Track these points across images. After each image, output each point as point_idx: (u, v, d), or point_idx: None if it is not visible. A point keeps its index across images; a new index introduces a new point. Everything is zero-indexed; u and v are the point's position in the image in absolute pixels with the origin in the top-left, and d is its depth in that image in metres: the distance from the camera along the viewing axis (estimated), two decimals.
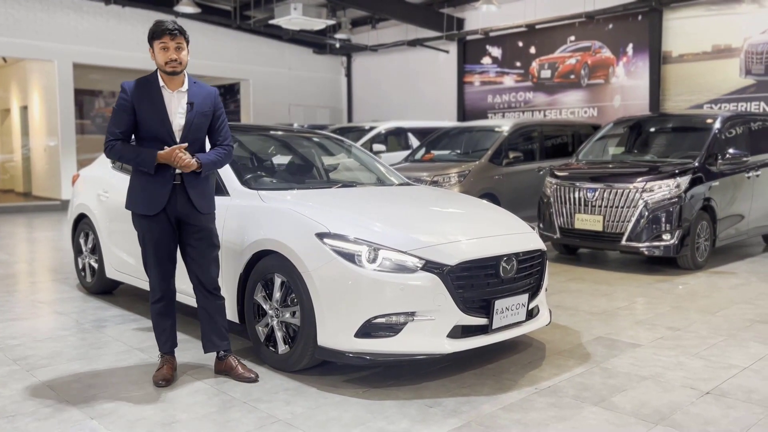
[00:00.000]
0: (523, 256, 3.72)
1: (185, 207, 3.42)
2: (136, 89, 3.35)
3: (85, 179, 5.72)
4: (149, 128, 3.35)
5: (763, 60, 11.19)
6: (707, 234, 6.72)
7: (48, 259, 7.66)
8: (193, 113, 3.40)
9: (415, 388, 3.39)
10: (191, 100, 3.40)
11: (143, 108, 3.33)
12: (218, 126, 3.53)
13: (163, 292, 3.52)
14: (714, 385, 3.45)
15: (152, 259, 3.47)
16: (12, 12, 12.93)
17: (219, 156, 3.50)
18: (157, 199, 3.37)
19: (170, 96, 3.38)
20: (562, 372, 3.66)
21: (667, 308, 5.12)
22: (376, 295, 3.27)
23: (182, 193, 3.40)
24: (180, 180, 3.39)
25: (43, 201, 14.43)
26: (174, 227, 3.46)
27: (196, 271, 3.53)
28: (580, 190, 6.84)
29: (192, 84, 3.46)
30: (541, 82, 14.34)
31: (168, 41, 3.32)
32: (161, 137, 3.35)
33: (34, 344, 4.19)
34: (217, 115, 3.52)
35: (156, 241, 3.44)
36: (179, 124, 3.38)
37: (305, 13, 12.38)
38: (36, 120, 15.17)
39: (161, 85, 3.37)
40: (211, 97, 3.49)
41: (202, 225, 3.49)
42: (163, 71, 3.36)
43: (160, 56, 3.33)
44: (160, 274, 3.49)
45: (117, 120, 3.36)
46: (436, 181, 8.14)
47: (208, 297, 3.56)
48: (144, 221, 3.43)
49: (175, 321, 3.61)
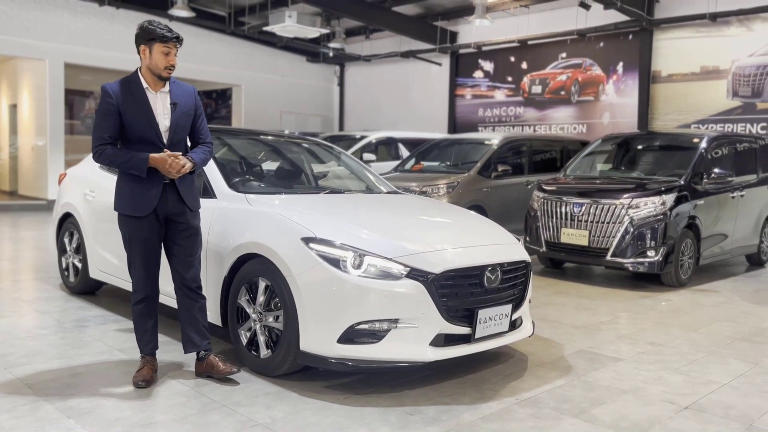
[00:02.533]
0: (508, 266, 3.74)
1: (176, 205, 3.42)
2: (121, 91, 3.32)
3: (71, 178, 5.68)
4: (136, 130, 3.33)
5: (750, 82, 11.36)
6: (691, 252, 6.78)
7: (31, 258, 7.59)
8: (177, 113, 3.40)
9: (395, 396, 3.39)
10: (174, 101, 3.41)
11: (129, 110, 3.31)
12: (199, 124, 3.55)
13: (147, 293, 3.49)
14: (693, 401, 3.47)
15: (139, 260, 3.44)
16: (5, 9, 12.88)
17: (206, 154, 3.54)
18: (148, 201, 3.35)
19: (154, 97, 3.37)
20: (543, 383, 3.67)
21: (650, 324, 5.15)
22: (360, 301, 3.27)
23: (173, 191, 3.40)
24: (170, 180, 3.38)
25: (29, 200, 14.31)
26: (162, 227, 3.45)
27: (180, 269, 3.51)
28: (567, 204, 6.89)
29: (172, 84, 3.46)
30: (531, 98, 14.46)
31: (172, 47, 3.34)
32: (149, 139, 3.34)
33: (13, 342, 4.14)
34: (198, 113, 3.53)
35: (144, 242, 3.41)
36: (165, 125, 3.38)
37: (300, 21, 12.42)
38: (25, 119, 15.07)
39: (145, 87, 3.36)
40: (191, 96, 3.51)
41: (190, 222, 3.49)
42: (157, 75, 3.35)
43: (160, 60, 3.33)
44: (146, 275, 3.46)
45: (103, 124, 3.31)
46: (425, 191, 8.16)
47: (191, 296, 3.55)
48: (133, 222, 3.40)
49: (157, 322, 3.59)
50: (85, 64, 14.18)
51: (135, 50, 3.47)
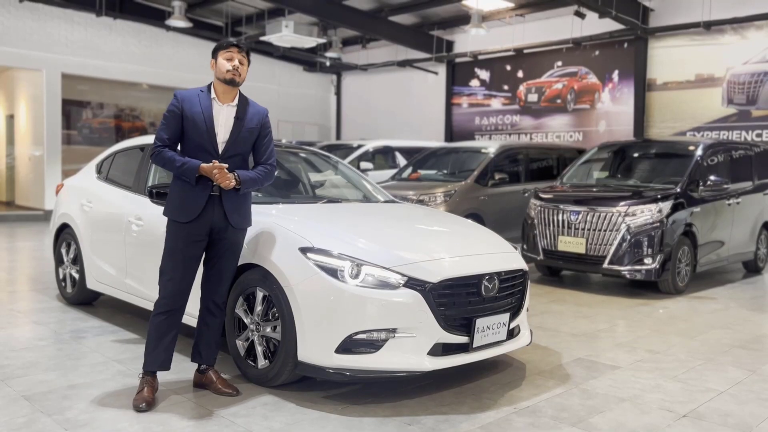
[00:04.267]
0: (505, 275, 3.74)
1: (220, 220, 3.40)
2: (187, 98, 3.40)
3: (69, 189, 5.68)
4: (193, 137, 3.36)
5: (744, 90, 11.42)
6: (688, 259, 6.79)
7: (28, 269, 7.57)
8: (238, 128, 3.42)
9: (394, 406, 3.39)
10: (239, 115, 3.43)
11: (191, 116, 3.36)
12: (263, 144, 3.55)
13: (173, 306, 3.39)
14: (691, 408, 3.47)
15: (173, 269, 3.37)
16: (2, 20, 12.90)
17: (260, 174, 3.50)
18: (192, 208, 3.34)
19: (219, 108, 3.41)
20: (542, 392, 3.67)
21: (647, 331, 5.16)
22: (357, 311, 3.27)
23: (218, 205, 3.39)
24: (218, 192, 3.38)
25: (26, 210, 14.28)
26: (205, 239, 3.42)
27: (213, 284, 3.50)
28: (564, 212, 6.91)
29: (243, 101, 3.49)
30: (527, 106, 14.52)
31: (235, 53, 3.40)
32: (204, 147, 3.36)
33: (10, 354, 4.13)
34: (263, 133, 3.54)
35: (182, 250, 3.37)
36: (224, 135, 3.40)
37: (296, 31, 12.47)
38: (22, 129, 15.06)
39: (213, 97, 3.41)
40: (260, 116, 3.53)
41: (232, 239, 3.47)
42: (222, 79, 3.39)
43: (223, 64, 3.38)
44: (179, 287, 3.38)
45: (166, 126, 3.38)
46: (422, 200, 8.18)
47: (214, 311, 3.53)
48: (176, 228, 3.38)
49: (173, 342, 3.45)
50: (82, 74, 14.19)
51: (132, 61, 3.49)
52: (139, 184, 4.80)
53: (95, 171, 5.50)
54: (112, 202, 4.99)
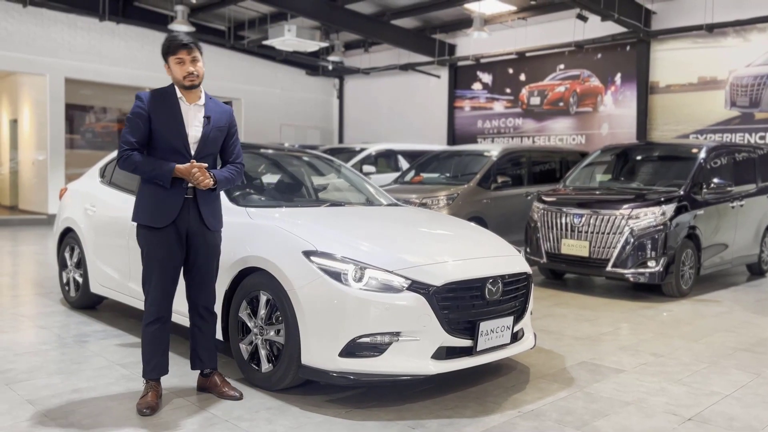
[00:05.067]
0: (509, 278, 3.74)
1: (195, 223, 3.35)
2: (153, 99, 3.31)
3: (72, 193, 5.69)
4: (164, 139, 3.27)
5: (747, 92, 11.41)
6: (692, 262, 6.78)
7: (32, 273, 7.58)
8: (209, 127, 3.37)
9: (397, 410, 3.38)
10: (208, 114, 3.38)
11: (159, 118, 3.27)
12: (231, 144, 3.51)
13: (161, 314, 3.35)
14: (696, 412, 3.46)
15: (155, 277, 3.31)
16: (5, 25, 12.95)
17: (232, 173, 3.46)
18: (167, 212, 3.27)
19: (187, 108, 3.34)
20: (546, 396, 3.66)
21: (651, 335, 5.14)
22: (361, 315, 3.27)
23: (194, 208, 3.33)
24: (192, 194, 3.32)
25: (29, 215, 14.32)
26: (182, 243, 3.35)
27: (198, 289, 3.45)
28: (567, 215, 6.90)
29: (208, 99, 3.44)
30: (530, 109, 14.52)
31: (184, 55, 3.29)
32: (176, 148, 3.29)
33: (14, 358, 4.13)
34: (231, 132, 3.50)
35: (162, 259, 3.30)
36: (195, 136, 3.33)
37: (299, 35, 12.49)
38: (25, 133, 15.11)
39: (179, 97, 3.34)
40: (227, 114, 3.49)
41: (210, 242, 3.43)
42: (181, 85, 3.33)
43: (177, 71, 3.30)
44: (162, 294, 3.33)
45: (132, 128, 3.27)
46: (425, 203, 8.18)
47: (205, 315, 3.50)
48: (151, 235, 3.30)
49: (168, 347, 3.43)
50: (85, 79, 14.25)
51: (136, 65, 3.47)
52: None
53: (99, 175, 5.51)
54: (115, 206, 5.00)
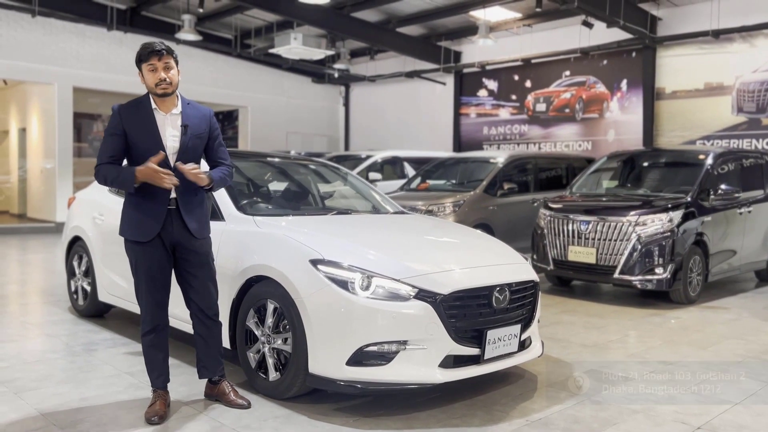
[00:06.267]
0: (516, 286, 3.74)
1: (181, 233, 3.31)
2: (127, 112, 3.26)
3: (81, 202, 5.73)
4: (142, 152, 3.22)
5: (754, 98, 11.37)
6: (700, 269, 6.74)
7: (40, 281, 7.62)
8: (187, 136, 3.30)
9: (405, 418, 3.37)
10: (185, 122, 3.32)
11: (134, 131, 3.23)
12: (215, 146, 3.47)
13: (156, 323, 3.37)
14: (705, 420, 3.44)
15: (145, 288, 3.33)
16: (14, 34, 13.06)
17: (224, 174, 3.45)
18: (151, 225, 3.25)
19: (163, 118, 3.29)
20: (554, 404, 3.64)
21: (659, 342, 5.12)
22: (368, 323, 3.27)
23: (177, 217, 3.30)
24: (175, 204, 3.29)
25: (37, 223, 14.39)
26: (169, 254, 3.34)
27: (196, 298, 3.44)
28: (574, 222, 6.89)
29: (186, 105, 3.38)
30: (536, 116, 14.51)
31: (155, 62, 3.23)
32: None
33: (23, 367, 4.15)
34: (213, 136, 3.45)
35: (149, 269, 3.30)
36: (173, 147, 3.27)
37: (305, 43, 12.54)
38: (34, 142, 15.21)
39: (153, 108, 3.29)
40: (206, 119, 3.42)
41: (199, 250, 3.40)
42: (154, 93, 3.28)
43: (149, 78, 3.26)
44: (153, 304, 3.35)
45: (107, 144, 3.26)
46: (431, 210, 8.18)
47: (206, 323, 3.48)
48: (137, 248, 3.30)
49: (167, 354, 3.46)
50: (93, 87, 14.34)
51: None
52: None
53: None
54: None
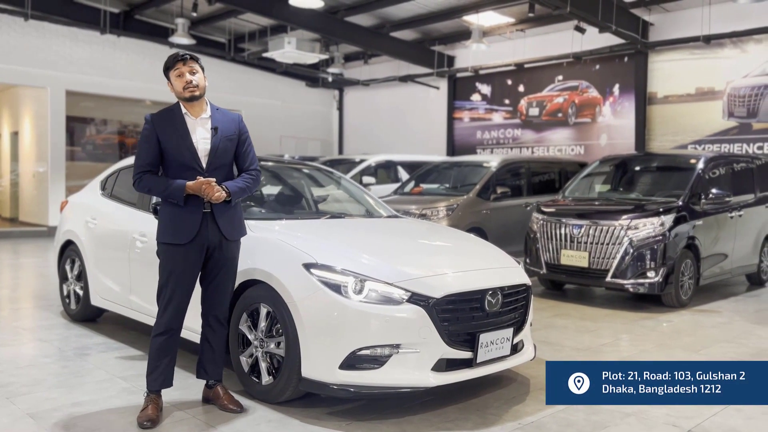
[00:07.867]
0: (509, 290, 3.75)
1: (216, 236, 3.38)
2: (159, 118, 3.37)
3: (73, 206, 5.71)
4: (174, 156, 3.33)
5: (745, 103, 11.47)
6: (691, 272, 6.78)
7: (32, 286, 7.58)
8: (218, 138, 3.39)
9: (398, 422, 3.38)
10: (215, 125, 3.41)
11: (167, 136, 3.33)
12: (244, 151, 3.52)
13: (171, 327, 3.38)
14: (696, 423, 3.46)
15: (171, 290, 3.35)
16: (7, 38, 13.02)
17: (247, 183, 3.48)
18: (188, 228, 3.32)
19: (194, 122, 3.39)
20: (546, 407, 3.65)
21: (652, 345, 5.14)
22: (361, 327, 3.28)
23: (212, 221, 3.37)
24: (210, 208, 3.36)
25: (29, 227, 14.32)
26: (203, 258, 3.40)
27: (214, 301, 3.48)
28: (566, 226, 6.92)
29: (215, 110, 3.47)
30: (529, 120, 14.58)
31: (181, 67, 3.36)
32: (187, 164, 3.33)
33: (15, 371, 4.13)
34: (242, 139, 3.52)
35: (181, 273, 3.35)
36: (204, 149, 3.37)
37: (299, 47, 12.56)
38: (26, 146, 15.15)
39: (184, 113, 3.39)
40: (235, 122, 3.50)
41: (229, 255, 3.46)
42: (182, 98, 3.38)
43: (177, 84, 3.36)
44: (176, 307, 3.37)
45: (142, 152, 3.37)
46: (425, 214, 8.20)
47: (215, 327, 3.52)
48: (173, 251, 3.34)
49: (174, 358, 3.45)
50: (86, 91, 14.30)
51: (136, 78, 3.50)
52: (143, 201, 4.82)
53: (100, 188, 5.53)
54: (116, 218, 5.02)
